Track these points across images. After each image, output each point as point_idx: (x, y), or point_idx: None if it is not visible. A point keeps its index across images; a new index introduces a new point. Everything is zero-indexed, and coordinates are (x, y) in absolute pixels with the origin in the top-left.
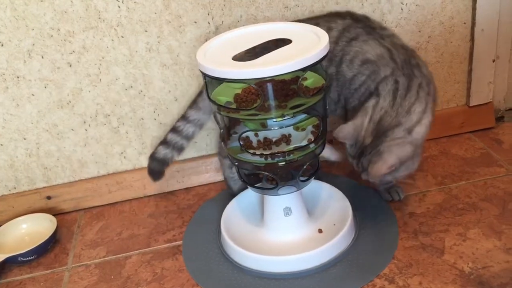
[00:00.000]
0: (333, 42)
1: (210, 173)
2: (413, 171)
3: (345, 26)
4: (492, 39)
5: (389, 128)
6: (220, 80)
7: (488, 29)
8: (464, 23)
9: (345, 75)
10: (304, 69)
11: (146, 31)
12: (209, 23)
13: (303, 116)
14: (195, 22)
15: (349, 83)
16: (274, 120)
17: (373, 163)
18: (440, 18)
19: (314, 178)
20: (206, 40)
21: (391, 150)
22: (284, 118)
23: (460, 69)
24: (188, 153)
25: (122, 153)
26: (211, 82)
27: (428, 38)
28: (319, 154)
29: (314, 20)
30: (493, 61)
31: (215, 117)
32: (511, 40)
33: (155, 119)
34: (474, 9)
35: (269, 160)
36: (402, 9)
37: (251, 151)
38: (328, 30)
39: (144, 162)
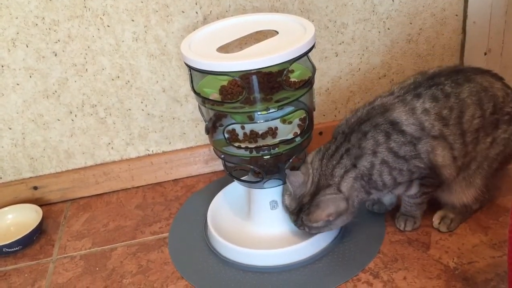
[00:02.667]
0: None
1: (198, 165)
2: (348, 222)
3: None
4: (484, 31)
5: (322, 188)
6: (204, 73)
7: (480, 21)
8: (456, 15)
9: None
10: (289, 62)
11: (132, 20)
12: (197, 12)
13: (290, 108)
14: (183, 12)
15: None
16: (259, 113)
17: (312, 212)
18: (432, 10)
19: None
20: (194, 30)
21: (327, 201)
22: (268, 112)
23: (451, 62)
24: (177, 144)
25: (109, 143)
26: (196, 74)
27: (419, 30)
28: (306, 147)
29: None
30: (485, 54)
31: (200, 109)
32: (503, 33)
33: (142, 109)
34: (466, 1)
35: (254, 153)
36: (393, 1)
37: (236, 144)
38: None
39: (132, 153)
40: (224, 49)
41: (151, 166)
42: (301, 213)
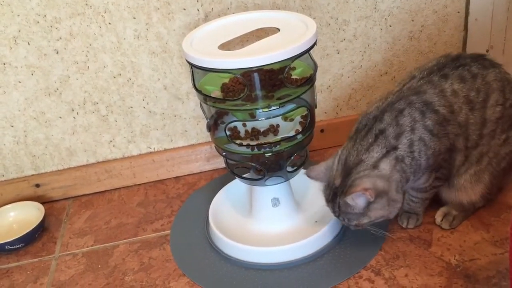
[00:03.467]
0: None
1: (200, 162)
2: (390, 217)
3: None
4: (486, 29)
5: (353, 166)
6: (205, 70)
7: (482, 18)
8: (458, 12)
9: None
10: (291, 59)
11: (134, 18)
12: (198, 10)
13: (292, 106)
14: (184, 9)
15: None
16: (261, 110)
17: (347, 191)
18: (434, 7)
19: (303, 168)
20: (195, 28)
21: (362, 178)
22: (270, 109)
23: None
24: (178, 141)
25: (111, 141)
26: (197, 71)
27: (421, 27)
28: (307, 145)
29: None
30: (487, 51)
31: (201, 107)
32: (505, 30)
33: (144, 107)
34: None
35: (256, 151)
36: None
37: (238, 141)
38: None
39: (133, 150)
40: (226, 46)
41: (153, 163)
42: (336, 198)
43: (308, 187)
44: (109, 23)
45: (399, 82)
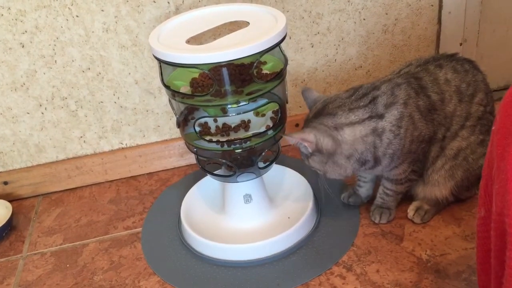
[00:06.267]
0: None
1: (173, 158)
2: (333, 177)
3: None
4: (459, 22)
5: (325, 113)
6: (172, 65)
7: (455, 11)
8: (432, 5)
9: None
10: (259, 53)
11: (102, 10)
12: (168, 2)
13: (263, 101)
14: (154, 2)
15: None
16: (230, 106)
17: (302, 130)
18: (407, 0)
19: (277, 164)
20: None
21: (312, 128)
22: (239, 105)
23: (427, 52)
24: (151, 137)
25: (81, 137)
26: (165, 66)
27: (395, 20)
28: (278, 140)
29: None
30: (461, 44)
31: (170, 103)
32: (479, 23)
33: (115, 102)
34: None
35: (226, 147)
36: None
37: (207, 138)
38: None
39: (105, 146)
40: (198, 40)
41: (125, 159)
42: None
43: (281, 183)
44: (77, 16)
45: (394, 70)
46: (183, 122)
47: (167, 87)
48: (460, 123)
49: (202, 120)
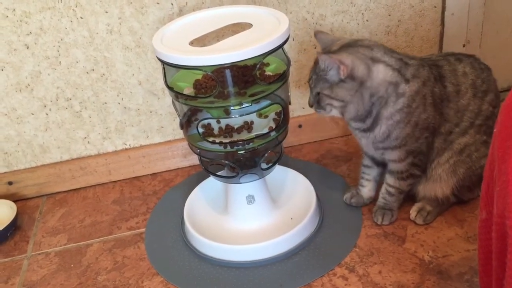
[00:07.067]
0: None
1: (176, 158)
2: (350, 116)
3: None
4: (462, 23)
5: (356, 46)
6: (175, 67)
7: (458, 13)
8: (435, 7)
9: None
10: (262, 55)
11: (106, 12)
12: (172, 4)
13: (266, 102)
14: (158, 3)
15: None
16: (232, 108)
17: (331, 53)
18: (410, 1)
19: (280, 165)
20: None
21: (350, 54)
22: (242, 106)
23: (430, 54)
24: (155, 138)
25: (85, 138)
26: (169, 68)
27: (398, 22)
28: (281, 141)
29: None
30: (464, 45)
31: (173, 104)
32: (482, 25)
33: (119, 103)
34: None
35: (229, 148)
36: None
37: (210, 139)
38: None
39: (108, 147)
40: (201, 42)
41: (129, 160)
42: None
43: (284, 184)
44: (81, 17)
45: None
46: (186, 123)
47: (170, 88)
48: (471, 120)
49: (205, 122)
